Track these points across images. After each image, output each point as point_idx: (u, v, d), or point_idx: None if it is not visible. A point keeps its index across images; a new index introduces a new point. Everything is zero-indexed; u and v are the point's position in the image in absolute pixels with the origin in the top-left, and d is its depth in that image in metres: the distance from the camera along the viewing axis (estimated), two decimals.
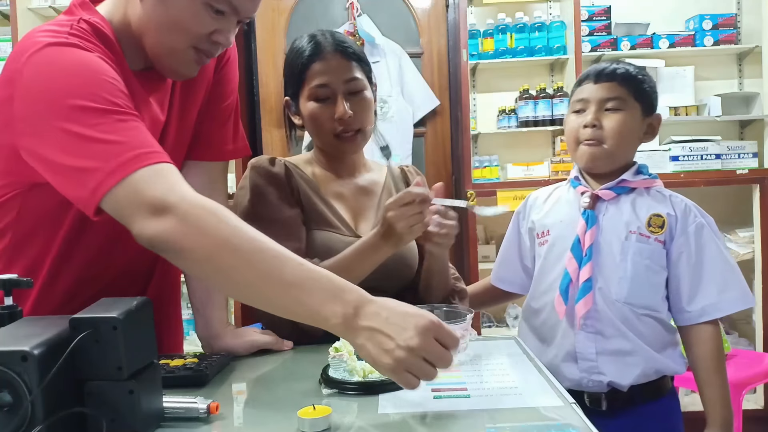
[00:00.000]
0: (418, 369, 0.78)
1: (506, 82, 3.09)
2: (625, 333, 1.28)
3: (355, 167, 1.37)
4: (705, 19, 2.91)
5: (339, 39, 1.28)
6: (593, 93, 1.34)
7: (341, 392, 0.89)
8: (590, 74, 1.37)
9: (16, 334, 0.72)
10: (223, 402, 0.84)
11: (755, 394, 2.88)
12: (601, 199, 1.34)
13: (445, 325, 0.80)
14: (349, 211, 1.33)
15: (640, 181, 1.34)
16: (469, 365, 1.01)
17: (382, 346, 0.78)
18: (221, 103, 1.20)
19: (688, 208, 1.32)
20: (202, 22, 0.98)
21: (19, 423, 0.65)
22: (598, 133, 1.32)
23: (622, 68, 1.34)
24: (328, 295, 0.81)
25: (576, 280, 1.30)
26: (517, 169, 2.93)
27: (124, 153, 0.84)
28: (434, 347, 0.78)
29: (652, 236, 1.30)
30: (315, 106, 1.27)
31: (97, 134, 0.85)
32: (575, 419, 0.79)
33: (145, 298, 0.78)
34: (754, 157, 2.89)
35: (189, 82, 1.12)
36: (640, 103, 1.33)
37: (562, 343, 1.33)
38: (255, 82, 3.16)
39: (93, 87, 0.88)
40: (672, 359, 1.32)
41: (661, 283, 1.31)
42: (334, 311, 0.80)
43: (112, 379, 0.71)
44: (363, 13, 3.05)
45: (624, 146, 1.34)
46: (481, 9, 3.07)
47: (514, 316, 2.99)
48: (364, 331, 0.79)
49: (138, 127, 0.89)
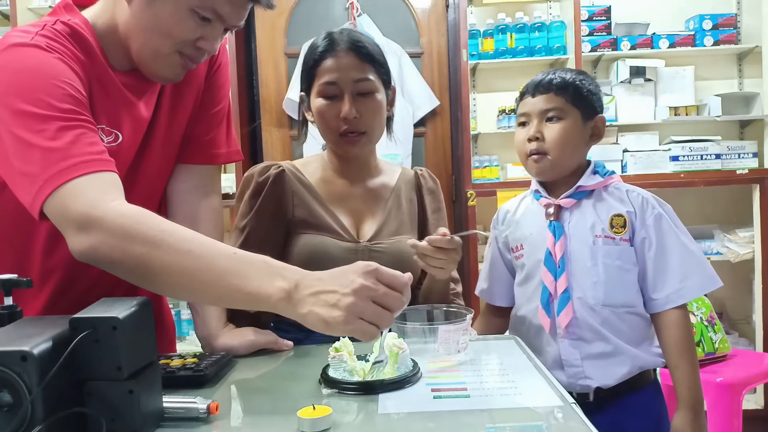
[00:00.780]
0: (371, 313, 0.78)
1: (506, 82, 3.10)
2: (605, 335, 1.31)
3: (365, 169, 1.36)
4: (705, 19, 2.92)
5: (354, 38, 1.27)
6: (533, 106, 1.38)
7: (341, 392, 0.89)
8: (529, 88, 1.41)
9: (15, 334, 0.72)
10: (223, 402, 0.84)
11: (755, 394, 2.88)
12: (564, 208, 1.37)
13: (385, 268, 0.81)
14: (350, 216, 1.32)
15: (596, 183, 1.36)
16: (469, 365, 1.01)
17: (329, 302, 0.79)
18: (213, 108, 1.21)
19: (645, 201, 1.34)
20: (188, 28, 0.99)
21: (18, 423, 0.65)
22: (541, 145, 1.35)
23: (558, 77, 1.37)
24: (265, 275, 0.82)
25: (554, 292, 1.33)
26: (517, 169, 2.93)
27: (58, 162, 0.86)
28: (379, 287, 0.79)
29: (617, 237, 1.32)
30: (323, 103, 1.26)
31: (39, 141, 0.87)
32: (575, 419, 0.79)
33: (145, 298, 0.78)
34: (754, 157, 2.89)
35: (179, 85, 1.13)
36: (579, 110, 1.36)
37: (548, 351, 1.35)
38: (255, 82, 3.16)
39: (40, 92, 0.90)
40: (651, 352, 1.35)
41: (634, 279, 1.33)
42: (275, 288, 0.81)
43: (112, 379, 0.71)
44: (363, 13, 3.05)
45: (568, 154, 1.36)
46: (481, 9, 3.07)
47: None
48: (308, 298, 0.80)
49: (82, 134, 0.90)
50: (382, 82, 1.29)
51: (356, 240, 1.29)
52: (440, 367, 1.00)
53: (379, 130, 1.31)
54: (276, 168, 1.30)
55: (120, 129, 1.04)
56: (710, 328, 2.21)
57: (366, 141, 1.29)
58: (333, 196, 1.32)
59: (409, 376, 0.92)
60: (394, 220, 1.34)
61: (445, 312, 1.13)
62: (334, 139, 1.29)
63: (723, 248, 2.91)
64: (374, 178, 1.38)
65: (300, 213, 1.28)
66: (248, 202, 1.29)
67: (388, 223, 1.32)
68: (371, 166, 1.38)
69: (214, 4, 0.98)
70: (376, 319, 0.79)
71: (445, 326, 1.03)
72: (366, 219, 1.33)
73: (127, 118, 1.05)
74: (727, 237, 2.92)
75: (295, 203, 1.29)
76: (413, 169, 1.44)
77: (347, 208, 1.32)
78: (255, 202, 1.28)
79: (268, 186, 1.28)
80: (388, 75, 1.32)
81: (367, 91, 1.26)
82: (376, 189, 1.36)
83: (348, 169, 1.34)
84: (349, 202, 1.33)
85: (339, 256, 1.25)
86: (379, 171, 1.39)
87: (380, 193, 1.36)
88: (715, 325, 2.23)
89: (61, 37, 0.96)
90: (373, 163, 1.38)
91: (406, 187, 1.39)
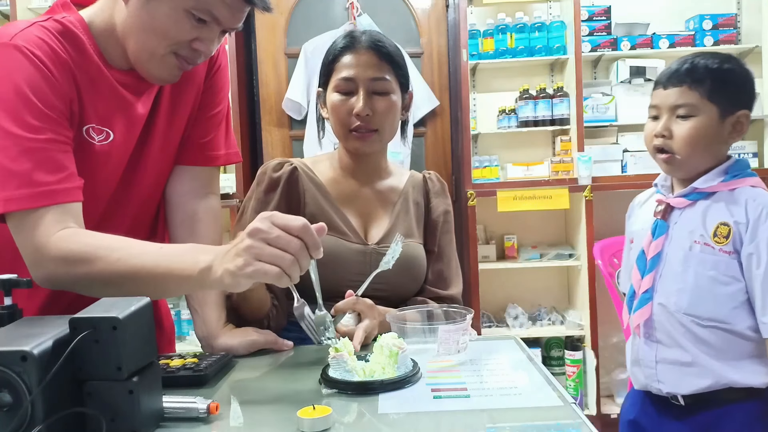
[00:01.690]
0: (269, 254, 0.81)
1: (506, 82, 3.10)
2: (683, 344, 1.26)
3: (375, 170, 1.36)
4: (705, 19, 2.92)
5: (375, 37, 1.28)
6: (663, 99, 1.28)
7: (341, 392, 0.89)
8: (662, 78, 1.30)
9: (15, 334, 0.72)
10: (223, 402, 0.84)
11: None
12: (675, 207, 1.29)
13: (281, 214, 0.85)
14: (359, 217, 1.32)
15: (716, 184, 1.26)
16: (469, 365, 1.01)
17: (232, 255, 0.84)
18: (212, 110, 1.21)
19: (764, 215, 1.21)
20: (183, 29, 1.00)
21: (18, 423, 0.65)
22: (668, 142, 1.27)
23: (696, 66, 1.24)
24: (190, 256, 0.89)
25: (638, 291, 1.30)
26: (517, 169, 2.93)
27: (17, 189, 0.92)
28: (273, 229, 0.82)
29: (717, 246, 1.23)
30: (337, 98, 1.27)
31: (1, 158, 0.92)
32: (575, 419, 0.79)
33: (145, 298, 0.78)
34: (754, 157, 2.89)
35: (178, 86, 1.13)
36: (716, 105, 1.24)
37: (632, 348, 1.35)
38: (255, 82, 3.16)
39: (9, 103, 0.92)
40: (748, 371, 1.24)
41: (734, 293, 1.23)
42: (199, 262, 0.87)
43: (112, 379, 0.71)
44: (363, 13, 3.05)
45: (699, 153, 1.26)
46: (481, 9, 3.07)
47: (514, 316, 2.99)
48: (222, 260, 0.85)
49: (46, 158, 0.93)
50: (399, 84, 1.29)
51: (364, 242, 1.29)
52: (440, 367, 1.00)
53: (390, 130, 1.31)
54: (289, 165, 1.30)
55: (112, 127, 1.05)
56: None
57: (376, 139, 1.28)
58: (342, 196, 1.32)
59: (409, 376, 0.92)
60: (402, 224, 1.34)
61: (445, 312, 1.13)
62: (344, 134, 1.28)
63: None
64: (384, 180, 1.38)
65: (310, 211, 1.28)
66: (262, 199, 1.28)
67: (396, 227, 1.32)
68: (381, 167, 1.38)
69: (210, 6, 0.98)
70: (275, 260, 0.81)
71: (445, 326, 1.02)
72: (374, 221, 1.33)
73: (121, 116, 1.05)
74: None
75: (306, 201, 1.29)
76: (422, 173, 1.44)
77: (356, 209, 1.32)
78: (268, 198, 1.28)
79: (283, 183, 1.28)
80: (405, 79, 1.31)
81: (383, 91, 1.26)
82: (385, 191, 1.37)
83: (358, 169, 1.34)
84: (358, 203, 1.33)
85: (347, 258, 1.25)
86: (388, 173, 1.39)
87: (389, 195, 1.36)
88: None
89: (49, 36, 0.97)
90: (384, 165, 1.38)
91: (414, 191, 1.39)
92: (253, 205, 1.29)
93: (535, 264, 2.98)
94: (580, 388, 2.82)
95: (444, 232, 1.39)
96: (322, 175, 1.33)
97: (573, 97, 2.87)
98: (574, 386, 2.81)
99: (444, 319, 1.11)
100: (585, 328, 2.88)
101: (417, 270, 1.31)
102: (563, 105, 2.90)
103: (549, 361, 3.03)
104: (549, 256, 3.01)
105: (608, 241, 2.55)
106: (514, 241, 3.06)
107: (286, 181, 1.28)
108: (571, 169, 2.88)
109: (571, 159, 2.89)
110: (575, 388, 2.80)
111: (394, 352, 0.93)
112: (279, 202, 1.27)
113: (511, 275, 3.08)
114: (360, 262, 1.26)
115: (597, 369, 2.82)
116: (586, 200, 2.82)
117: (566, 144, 2.92)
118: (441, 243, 1.38)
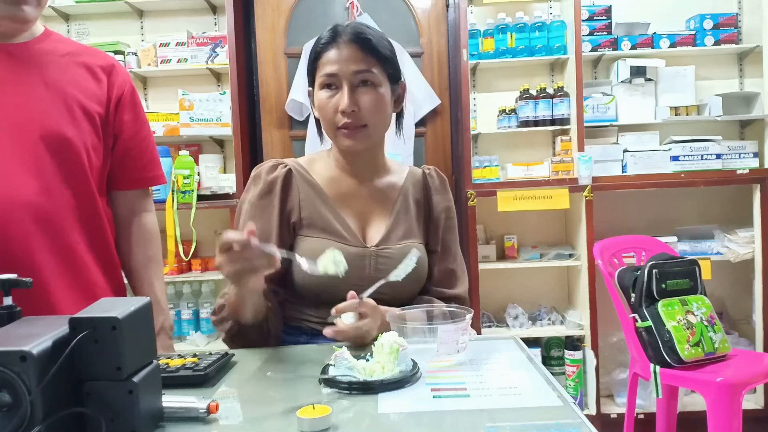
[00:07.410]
0: None
1: (506, 81, 3.10)
2: None
3: (372, 167, 1.32)
4: (706, 18, 2.92)
5: (358, 30, 1.22)
6: None
7: (341, 392, 0.89)
8: None
9: (15, 334, 0.72)
10: (223, 402, 0.84)
11: (755, 394, 2.88)
12: None
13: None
14: (357, 218, 1.29)
15: None
16: (469, 365, 1.01)
17: None
18: (133, 138, 1.30)
19: None
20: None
21: (18, 423, 0.65)
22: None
23: None
24: None
25: None
26: (517, 169, 2.93)
27: None
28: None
29: None
30: (323, 96, 1.23)
31: None
32: (575, 419, 0.79)
33: (145, 299, 0.78)
34: (755, 157, 2.89)
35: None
36: None
37: None
38: (255, 82, 3.16)
39: None
40: None
41: None
42: None
43: (112, 379, 0.71)
44: (363, 13, 3.06)
45: None
46: (481, 9, 3.07)
47: (514, 316, 2.99)
48: None
49: None
50: (388, 76, 1.24)
51: (363, 245, 1.26)
52: (440, 366, 1.00)
53: (382, 125, 1.26)
54: (283, 167, 1.27)
55: None
56: (710, 328, 2.21)
57: (366, 135, 1.23)
58: (339, 196, 1.28)
59: (408, 375, 0.92)
60: (402, 224, 1.30)
61: (445, 312, 1.13)
62: (333, 132, 1.24)
63: (723, 248, 2.90)
64: (382, 177, 1.33)
65: (306, 214, 1.25)
66: (256, 203, 1.25)
67: (396, 227, 1.29)
68: (378, 164, 1.33)
69: None
70: None
71: (444, 326, 1.02)
72: (373, 222, 1.30)
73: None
74: (728, 237, 2.92)
75: (302, 204, 1.26)
76: (421, 168, 1.40)
77: (354, 210, 1.29)
78: (262, 203, 1.25)
79: (277, 187, 1.25)
80: (395, 69, 1.26)
81: (368, 84, 1.21)
82: (384, 189, 1.33)
83: (354, 167, 1.30)
84: (355, 203, 1.29)
85: (346, 261, 1.23)
86: (386, 170, 1.35)
87: (388, 193, 1.32)
88: (715, 325, 2.23)
89: None
90: (381, 162, 1.34)
91: (414, 188, 1.35)
92: (248, 209, 1.26)
93: (535, 264, 2.98)
94: (579, 388, 2.82)
95: (447, 229, 1.36)
96: (318, 174, 1.30)
97: (573, 96, 2.87)
98: (574, 386, 2.81)
99: (443, 319, 1.11)
100: (585, 328, 2.88)
101: (419, 272, 1.28)
102: (563, 105, 2.90)
103: (549, 360, 3.03)
104: (549, 256, 3.01)
105: (608, 241, 2.55)
106: (514, 241, 3.06)
107: (280, 185, 1.25)
108: (571, 169, 2.88)
109: (571, 159, 2.89)
110: (575, 387, 2.80)
111: (394, 348, 0.93)
112: (273, 206, 1.24)
113: (511, 275, 3.08)
114: (359, 266, 1.23)
115: (597, 369, 2.82)
116: (586, 200, 2.82)
117: (566, 144, 2.92)
118: (445, 241, 1.35)
